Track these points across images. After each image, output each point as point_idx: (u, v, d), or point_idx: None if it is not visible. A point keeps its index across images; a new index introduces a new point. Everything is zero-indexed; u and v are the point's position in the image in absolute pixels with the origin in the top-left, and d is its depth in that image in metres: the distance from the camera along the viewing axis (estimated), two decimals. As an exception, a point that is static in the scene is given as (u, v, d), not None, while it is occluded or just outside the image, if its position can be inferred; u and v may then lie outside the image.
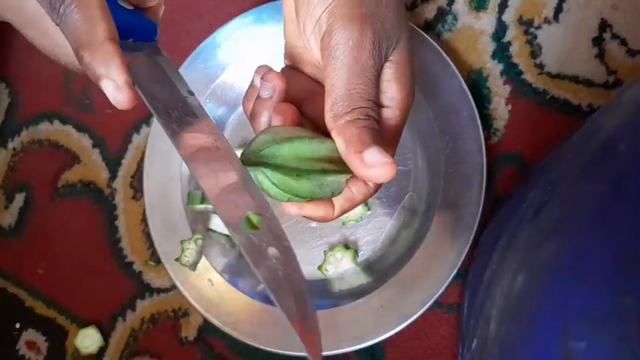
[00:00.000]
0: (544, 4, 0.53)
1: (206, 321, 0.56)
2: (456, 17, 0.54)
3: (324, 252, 0.53)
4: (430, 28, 0.55)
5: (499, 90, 0.53)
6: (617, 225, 0.30)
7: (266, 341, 0.52)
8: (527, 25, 0.53)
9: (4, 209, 0.63)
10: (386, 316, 0.50)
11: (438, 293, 0.49)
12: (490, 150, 0.52)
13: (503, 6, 0.53)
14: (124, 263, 0.60)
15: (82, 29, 0.29)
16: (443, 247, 0.49)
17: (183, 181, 0.57)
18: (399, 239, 0.53)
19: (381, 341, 0.50)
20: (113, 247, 0.60)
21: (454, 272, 0.49)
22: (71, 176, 0.62)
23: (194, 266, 0.54)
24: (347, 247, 0.53)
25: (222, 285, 0.54)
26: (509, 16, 0.53)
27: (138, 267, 0.59)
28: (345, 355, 0.52)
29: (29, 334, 0.61)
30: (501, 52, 0.53)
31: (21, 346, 0.61)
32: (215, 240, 0.56)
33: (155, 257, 0.58)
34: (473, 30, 0.54)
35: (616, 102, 0.40)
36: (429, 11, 0.55)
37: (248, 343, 0.52)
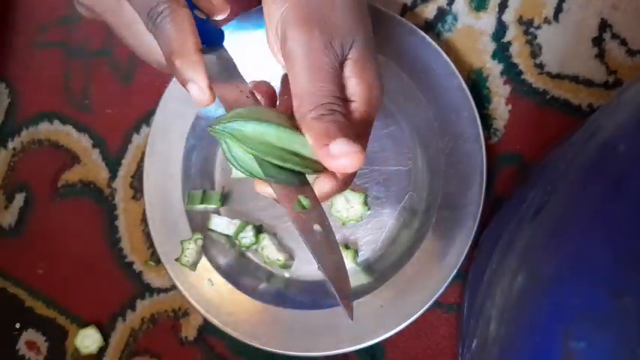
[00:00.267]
0: (544, 4, 0.53)
1: (206, 321, 0.56)
2: (456, 17, 0.54)
3: (324, 252, 0.53)
4: (430, 28, 0.55)
5: (499, 90, 0.53)
6: (617, 225, 0.30)
7: (266, 341, 0.52)
8: (527, 25, 0.53)
9: (4, 209, 0.63)
10: (386, 316, 0.50)
11: (438, 293, 0.49)
12: (490, 150, 0.52)
13: (503, 6, 0.53)
14: (124, 263, 0.60)
15: (176, 39, 0.34)
16: (443, 247, 0.50)
17: (183, 181, 0.57)
18: (399, 239, 0.53)
19: (381, 341, 0.50)
20: (113, 247, 0.60)
21: (454, 272, 0.49)
22: (71, 176, 0.62)
23: (194, 266, 0.54)
24: (347, 247, 0.53)
25: (222, 285, 0.54)
26: (509, 16, 0.53)
27: (138, 267, 0.59)
28: (345, 355, 0.52)
29: (29, 334, 0.61)
30: (501, 52, 0.53)
31: (21, 346, 0.61)
32: (215, 240, 0.56)
33: (155, 257, 0.58)
34: (473, 30, 0.54)
35: (616, 102, 0.40)
36: (429, 11, 0.55)
37: (248, 343, 0.52)
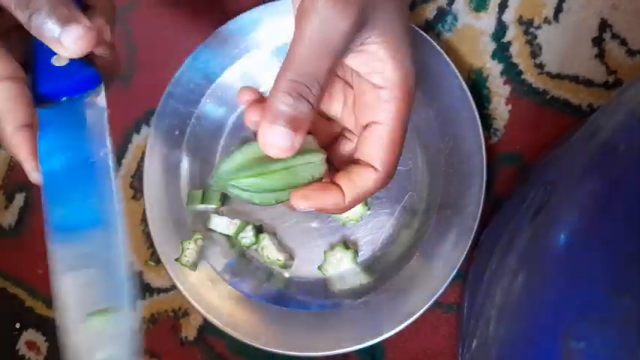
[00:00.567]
0: (544, 5, 0.53)
1: (206, 321, 0.56)
2: (456, 17, 0.54)
3: (325, 252, 0.53)
4: (430, 28, 0.55)
5: (499, 90, 0.53)
6: (617, 225, 0.30)
7: (266, 341, 0.52)
8: (527, 25, 0.53)
9: (4, 209, 0.63)
10: (386, 316, 0.50)
11: (438, 293, 0.49)
12: (490, 150, 0.52)
13: (503, 6, 0.53)
14: (124, 263, 0.60)
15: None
16: (443, 247, 0.49)
17: (183, 181, 0.57)
18: (399, 239, 0.53)
19: (382, 341, 0.50)
20: (113, 247, 0.60)
21: (454, 272, 0.48)
22: (71, 176, 0.62)
23: (194, 266, 0.54)
24: (347, 247, 0.53)
25: (222, 285, 0.54)
26: (509, 16, 0.53)
27: (138, 267, 0.59)
28: (345, 355, 0.52)
29: (29, 334, 0.61)
30: (501, 52, 0.53)
31: (21, 346, 0.61)
32: (215, 240, 0.56)
33: (155, 257, 0.58)
34: (473, 30, 0.54)
35: (616, 102, 0.40)
36: (429, 11, 0.55)
37: (248, 343, 0.52)
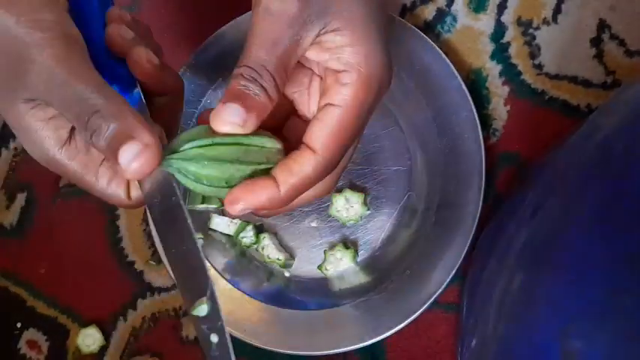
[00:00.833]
0: (543, 5, 0.53)
1: (207, 320, 0.56)
2: (455, 18, 0.54)
3: (324, 251, 0.53)
4: (429, 29, 0.55)
5: (498, 90, 0.53)
6: (616, 225, 0.30)
7: (266, 340, 0.52)
8: (526, 26, 0.53)
9: (6, 209, 0.63)
10: (386, 315, 0.50)
11: (438, 293, 0.49)
12: (489, 150, 0.52)
13: (502, 7, 0.54)
14: (125, 263, 0.60)
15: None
16: (442, 246, 0.50)
17: (184, 181, 0.57)
18: (398, 239, 0.53)
19: (381, 340, 0.50)
20: (114, 246, 0.60)
21: (453, 272, 0.49)
22: (72, 176, 0.62)
23: (195, 266, 0.55)
24: (347, 246, 0.53)
25: (223, 284, 0.54)
26: (508, 17, 0.54)
27: (139, 266, 0.59)
28: (345, 354, 0.52)
29: (30, 334, 0.61)
30: (500, 52, 0.54)
31: (22, 346, 0.61)
32: (215, 240, 0.56)
33: (156, 257, 0.58)
34: (472, 31, 0.54)
35: (614, 102, 0.40)
36: (428, 12, 0.55)
37: (248, 342, 0.52)
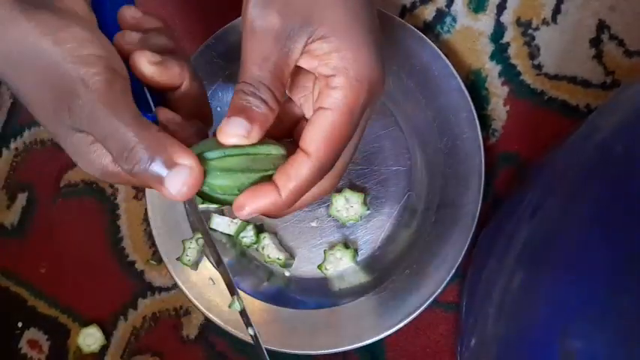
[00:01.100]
0: (542, 6, 0.53)
1: (207, 319, 0.57)
2: (454, 19, 0.55)
3: (324, 251, 0.54)
4: (429, 29, 0.55)
5: (497, 91, 0.54)
6: (616, 225, 0.30)
7: (266, 339, 0.52)
8: (525, 26, 0.53)
9: (7, 209, 0.63)
10: (385, 315, 0.50)
11: (437, 292, 0.49)
12: (489, 150, 0.52)
13: (501, 7, 0.54)
14: (126, 262, 0.60)
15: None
16: (442, 246, 0.50)
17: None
18: (398, 238, 0.53)
19: (381, 339, 0.50)
20: (115, 246, 0.60)
21: (453, 271, 0.49)
22: (73, 176, 0.62)
23: (195, 265, 0.55)
24: (347, 246, 0.53)
25: (223, 284, 0.54)
26: (507, 18, 0.54)
27: (139, 266, 0.60)
28: (345, 353, 0.52)
29: (31, 333, 0.61)
30: (500, 53, 0.54)
31: (23, 345, 0.61)
32: (216, 239, 0.56)
33: (157, 256, 0.58)
34: (471, 31, 0.54)
35: (614, 103, 0.40)
36: (427, 13, 0.55)
37: (249, 341, 0.52)
